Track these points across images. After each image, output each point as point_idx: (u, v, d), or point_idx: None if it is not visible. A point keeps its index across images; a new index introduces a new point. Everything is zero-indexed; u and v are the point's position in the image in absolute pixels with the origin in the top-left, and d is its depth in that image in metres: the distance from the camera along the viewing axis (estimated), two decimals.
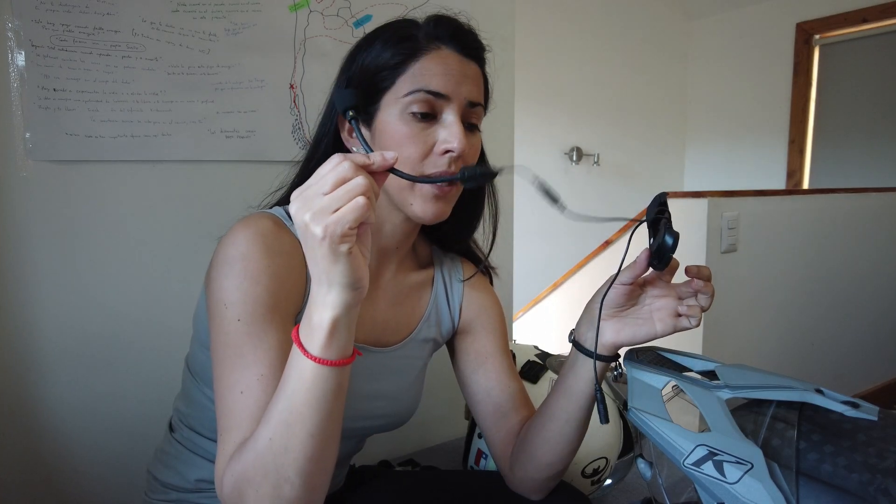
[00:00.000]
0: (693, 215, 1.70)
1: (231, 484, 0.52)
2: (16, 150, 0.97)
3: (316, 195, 0.46)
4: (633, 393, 0.76)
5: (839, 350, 2.22)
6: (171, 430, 0.79)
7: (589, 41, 3.25)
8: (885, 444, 0.58)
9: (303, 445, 0.50)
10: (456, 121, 0.65)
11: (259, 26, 1.11)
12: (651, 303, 0.65)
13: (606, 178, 3.42)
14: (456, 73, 0.66)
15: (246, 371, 0.58)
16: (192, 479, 0.74)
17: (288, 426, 0.50)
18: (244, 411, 0.56)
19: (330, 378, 0.50)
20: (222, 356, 0.59)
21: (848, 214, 2.14)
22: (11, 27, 0.94)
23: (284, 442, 0.50)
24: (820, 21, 3.15)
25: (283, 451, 0.50)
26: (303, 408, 0.50)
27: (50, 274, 1.01)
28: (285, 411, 0.50)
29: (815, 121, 3.25)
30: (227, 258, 0.61)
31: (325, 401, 0.50)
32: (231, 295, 0.60)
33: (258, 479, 0.50)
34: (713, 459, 0.61)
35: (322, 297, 0.49)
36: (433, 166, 0.65)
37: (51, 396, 1.03)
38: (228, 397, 0.57)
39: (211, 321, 0.61)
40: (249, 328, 0.59)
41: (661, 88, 3.66)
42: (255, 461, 0.51)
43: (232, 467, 0.53)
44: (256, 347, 0.59)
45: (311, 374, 0.50)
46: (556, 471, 0.73)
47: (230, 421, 0.56)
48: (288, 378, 0.51)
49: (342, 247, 0.46)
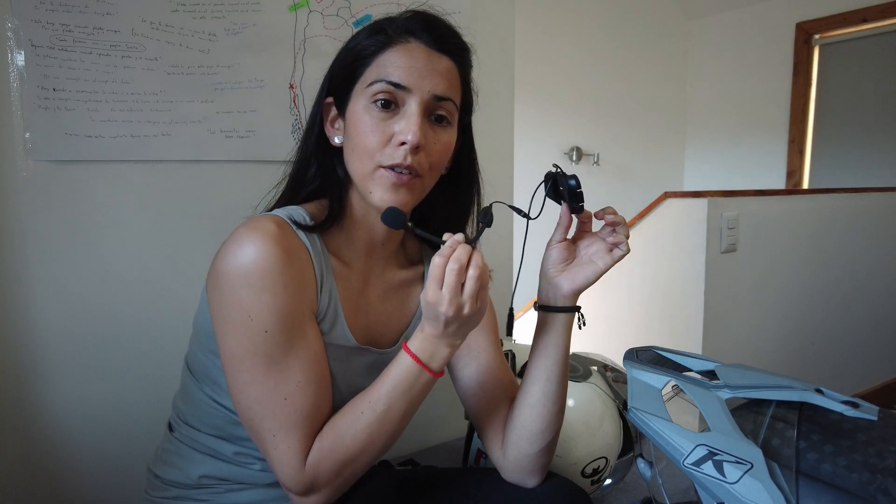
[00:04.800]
0: (693, 215, 1.70)
1: (326, 469, 0.63)
2: (16, 150, 0.97)
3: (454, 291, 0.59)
4: (633, 393, 0.76)
5: (839, 350, 2.22)
6: (171, 429, 0.79)
7: (589, 41, 3.25)
8: (885, 444, 0.58)
9: (393, 431, 0.66)
10: (415, 113, 0.65)
11: (259, 26, 1.11)
12: (586, 250, 0.73)
13: (606, 177, 3.42)
14: (421, 66, 0.66)
15: (284, 378, 0.63)
16: (195, 475, 0.74)
17: (385, 418, 0.64)
18: (295, 413, 0.63)
19: (431, 384, 0.65)
20: (252, 364, 0.62)
21: (848, 214, 2.14)
22: (11, 27, 0.94)
23: (381, 428, 0.64)
24: (820, 21, 3.14)
25: (379, 435, 0.64)
26: (403, 403, 0.64)
27: (50, 274, 1.01)
28: (385, 406, 0.64)
29: (815, 121, 3.25)
30: (240, 269, 0.62)
31: (421, 399, 0.66)
32: (254, 307, 0.61)
33: (356, 460, 0.64)
34: (713, 459, 0.61)
35: (451, 333, 0.62)
36: (390, 157, 0.65)
37: (50, 396, 1.03)
38: (270, 403, 0.63)
39: (230, 329, 0.63)
40: (278, 338, 0.62)
41: (661, 88, 3.66)
42: (352, 445, 0.63)
43: (324, 454, 0.63)
44: (288, 356, 0.63)
45: (424, 383, 0.65)
46: (547, 441, 0.73)
47: (280, 422, 0.63)
48: (396, 381, 0.64)
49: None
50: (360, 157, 0.67)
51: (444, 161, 0.71)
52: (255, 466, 0.74)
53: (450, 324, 0.61)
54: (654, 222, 1.86)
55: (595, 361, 1.26)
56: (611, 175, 3.44)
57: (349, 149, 0.69)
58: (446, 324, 0.61)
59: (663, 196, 1.81)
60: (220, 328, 0.64)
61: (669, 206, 1.80)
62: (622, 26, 3.35)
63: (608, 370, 1.24)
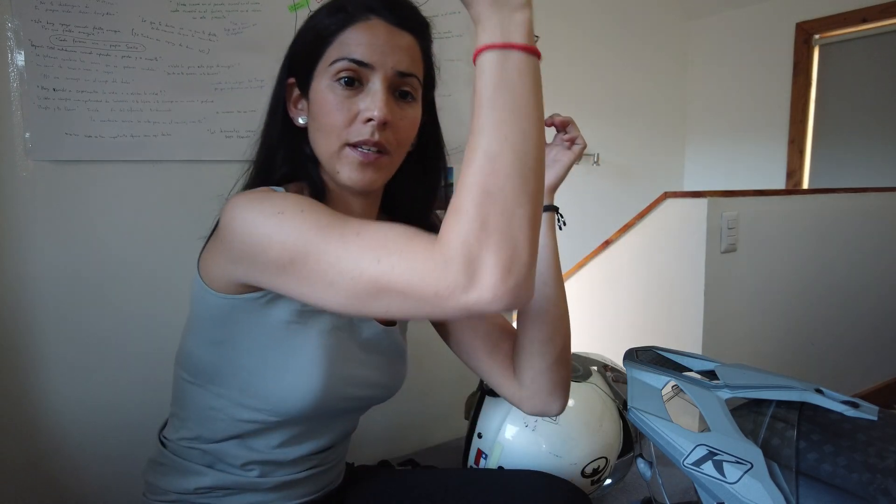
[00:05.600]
0: (693, 215, 1.70)
1: (467, 224, 0.46)
2: (16, 150, 0.97)
3: None
4: (633, 393, 0.76)
5: (839, 350, 2.22)
6: (164, 444, 0.78)
7: (588, 41, 3.25)
8: (885, 444, 0.58)
9: (528, 130, 0.49)
10: (380, 89, 0.65)
11: (259, 26, 1.11)
12: (548, 155, 0.78)
13: (606, 177, 3.42)
14: (383, 42, 0.66)
15: (346, 225, 0.53)
16: (191, 487, 0.73)
17: (519, 127, 0.49)
18: (385, 236, 0.50)
19: (529, 63, 0.52)
20: (306, 240, 0.53)
21: (848, 214, 2.14)
22: (11, 27, 0.94)
23: (522, 139, 0.48)
24: (820, 21, 3.15)
25: (523, 151, 0.48)
26: (526, 100, 0.50)
27: (50, 273, 1.01)
28: (513, 114, 0.49)
29: (815, 121, 3.25)
30: (249, 205, 0.58)
31: (535, 83, 0.51)
32: (277, 206, 0.56)
33: (495, 192, 0.46)
34: (713, 459, 0.61)
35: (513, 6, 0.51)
36: (357, 134, 0.65)
37: (51, 397, 1.03)
38: (373, 243, 0.50)
39: (275, 244, 0.55)
40: (318, 209, 0.56)
41: (661, 88, 3.66)
42: (484, 169, 0.47)
43: (453, 217, 0.47)
44: (335, 216, 0.55)
45: (530, 65, 0.51)
46: (557, 350, 0.73)
47: (399, 245, 0.49)
48: (490, 83, 0.49)
49: None
50: (326, 135, 0.67)
51: (411, 137, 0.72)
52: (254, 472, 0.74)
53: None
54: (653, 222, 1.86)
55: (595, 361, 1.26)
56: (611, 175, 3.44)
57: (314, 128, 0.69)
58: None
59: (663, 196, 1.81)
60: (272, 263, 0.56)
61: (669, 206, 1.80)
62: (622, 26, 3.35)
63: (608, 370, 1.24)
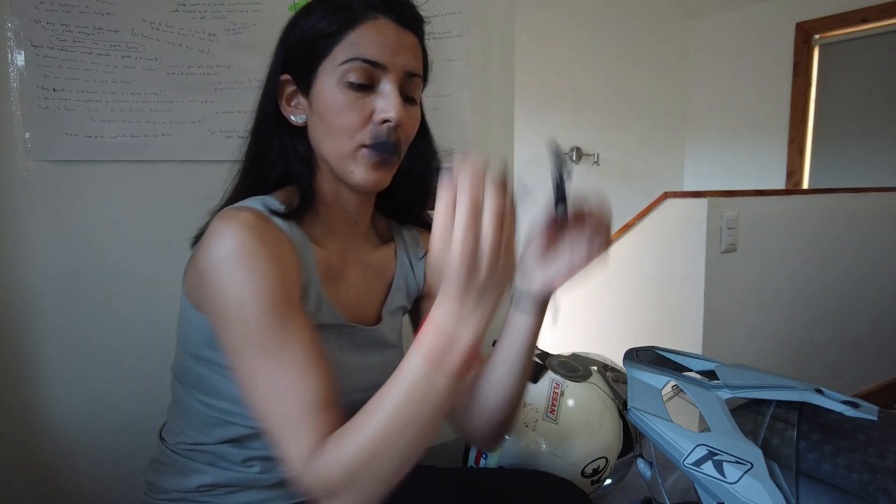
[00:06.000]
0: (693, 215, 1.70)
1: (336, 473, 0.54)
2: (16, 150, 0.97)
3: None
4: (633, 393, 0.76)
5: (839, 350, 2.22)
6: (164, 442, 0.78)
7: (588, 41, 3.25)
8: (885, 444, 0.58)
9: (422, 434, 0.54)
10: (393, 90, 0.65)
11: (259, 26, 1.11)
12: (568, 244, 0.67)
13: (606, 177, 3.42)
14: (392, 42, 0.66)
15: (285, 367, 0.58)
16: (193, 485, 0.73)
17: (405, 424, 0.53)
18: (301, 402, 0.57)
19: (458, 383, 0.53)
20: (250, 356, 0.59)
21: (848, 214, 2.14)
22: (11, 27, 0.94)
23: (401, 432, 0.53)
24: (820, 21, 3.14)
25: (400, 446, 0.53)
26: (434, 408, 0.53)
27: (50, 273, 1.01)
28: (402, 410, 0.53)
29: (815, 121, 3.25)
30: (223, 257, 0.60)
31: (448, 401, 0.54)
32: (242, 293, 0.59)
33: (372, 467, 0.53)
34: (713, 459, 0.61)
35: (468, 313, 0.51)
36: (374, 136, 0.66)
37: (51, 397, 1.03)
38: (274, 392, 0.58)
39: (224, 323, 0.60)
40: (272, 321, 0.59)
41: (661, 88, 3.66)
42: (369, 449, 0.53)
43: (329, 458, 0.54)
44: (286, 342, 0.59)
45: (445, 386, 0.52)
46: (507, 413, 0.73)
47: (287, 414, 0.57)
48: (407, 386, 0.53)
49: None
50: (338, 137, 0.66)
51: (413, 136, 0.72)
52: (254, 468, 0.74)
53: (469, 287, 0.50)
54: (653, 222, 1.86)
55: (595, 361, 1.26)
56: (611, 175, 3.44)
57: (322, 130, 0.68)
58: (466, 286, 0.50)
59: (663, 196, 1.81)
60: (217, 325, 0.62)
61: (669, 206, 1.80)
62: (622, 26, 3.35)
63: (608, 370, 1.24)
